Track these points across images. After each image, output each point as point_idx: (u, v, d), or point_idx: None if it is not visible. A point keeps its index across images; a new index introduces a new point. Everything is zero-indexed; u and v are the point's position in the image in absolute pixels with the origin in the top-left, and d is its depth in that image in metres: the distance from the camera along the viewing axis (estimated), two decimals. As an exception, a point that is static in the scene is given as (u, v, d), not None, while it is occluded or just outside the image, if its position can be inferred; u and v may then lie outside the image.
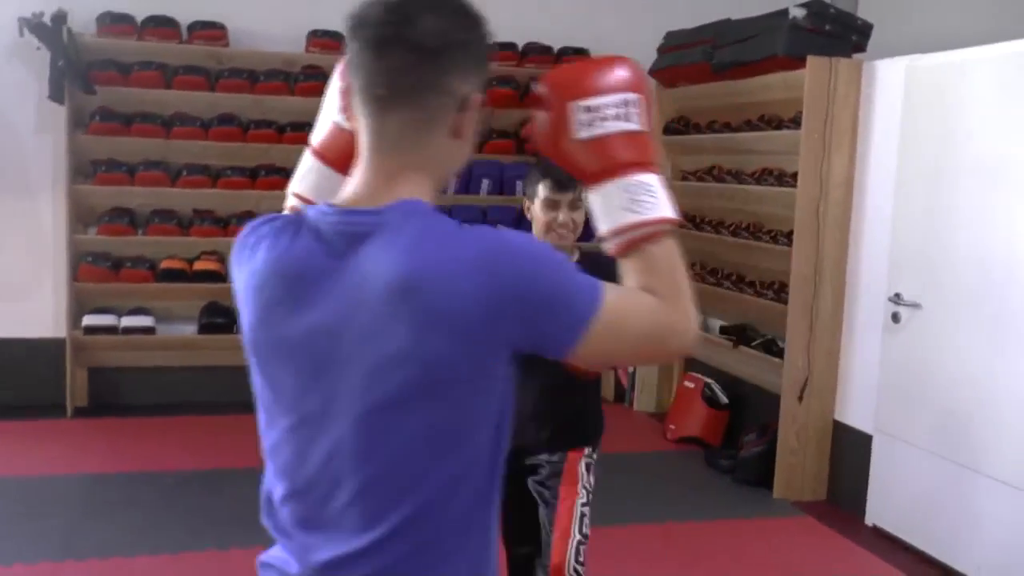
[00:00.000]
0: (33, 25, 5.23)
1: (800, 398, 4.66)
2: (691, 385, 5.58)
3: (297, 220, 1.25)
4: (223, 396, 5.47)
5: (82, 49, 5.39)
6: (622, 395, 6.39)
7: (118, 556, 3.76)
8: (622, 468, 5.05)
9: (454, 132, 1.25)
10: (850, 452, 4.62)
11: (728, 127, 5.36)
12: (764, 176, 4.99)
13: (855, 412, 4.62)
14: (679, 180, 5.92)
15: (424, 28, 1.19)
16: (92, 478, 4.59)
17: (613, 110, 1.28)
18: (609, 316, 1.21)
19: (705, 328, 5.72)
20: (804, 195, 4.55)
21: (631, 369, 6.23)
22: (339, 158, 1.48)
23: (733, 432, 5.39)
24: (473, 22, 1.25)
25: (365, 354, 1.19)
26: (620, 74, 1.30)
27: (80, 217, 5.59)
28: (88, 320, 5.49)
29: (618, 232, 1.28)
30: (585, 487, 2.66)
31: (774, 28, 4.68)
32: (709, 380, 5.53)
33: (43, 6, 5.28)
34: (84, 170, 5.55)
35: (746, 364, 5.28)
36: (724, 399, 5.48)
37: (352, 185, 1.26)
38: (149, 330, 5.60)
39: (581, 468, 2.67)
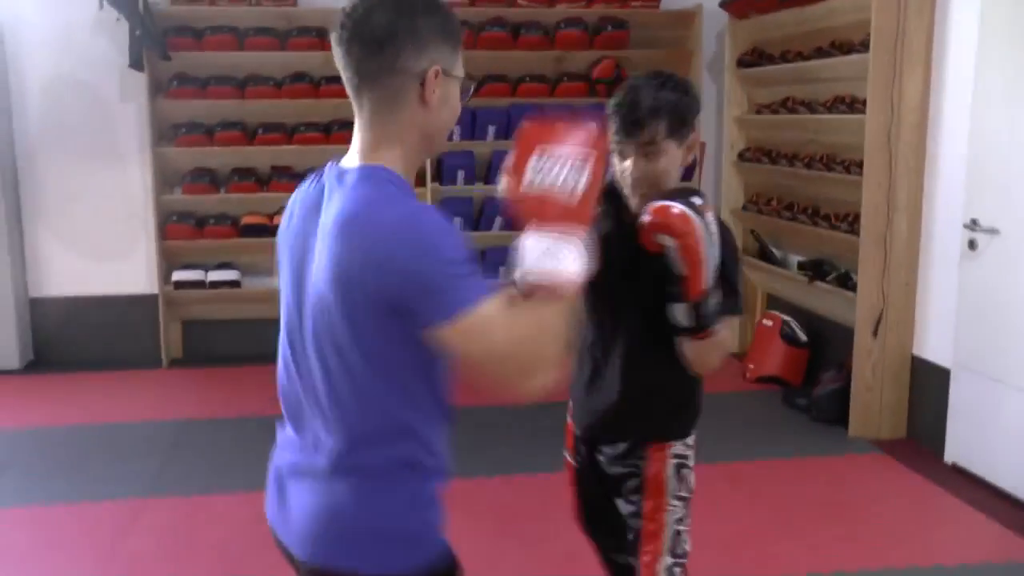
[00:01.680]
0: (112, -3, 5.45)
1: (875, 332, 4.51)
2: (769, 323, 5.46)
3: (320, 172, 1.55)
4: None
5: (158, 18, 5.58)
6: (704, 336, 6.30)
7: (198, 495, 3.98)
8: (696, 409, 5.03)
9: (421, 101, 1.46)
10: (929, 388, 4.45)
11: (800, 56, 5.16)
12: (836, 105, 4.80)
13: (933, 345, 4.43)
14: (754, 114, 5.75)
15: (373, 23, 1.42)
16: (182, 424, 4.85)
17: (560, 169, 1.41)
18: (474, 325, 1.35)
19: (783, 264, 5.58)
20: (874, 121, 4.35)
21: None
22: None
23: (813, 370, 5.25)
24: (416, 9, 1.45)
25: (313, 271, 1.46)
26: (577, 136, 1.43)
27: (165, 179, 5.85)
28: (177, 276, 5.77)
29: (527, 276, 1.40)
30: (677, 496, 2.14)
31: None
32: (787, 318, 5.39)
33: (120, -23, 5.49)
34: (166, 134, 5.79)
35: (824, 300, 5.13)
36: (803, 337, 5.35)
37: (350, 151, 1.52)
38: (234, 283, 5.84)
39: (668, 472, 2.12)
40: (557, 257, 1.38)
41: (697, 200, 1.73)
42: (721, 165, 6.09)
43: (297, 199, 1.57)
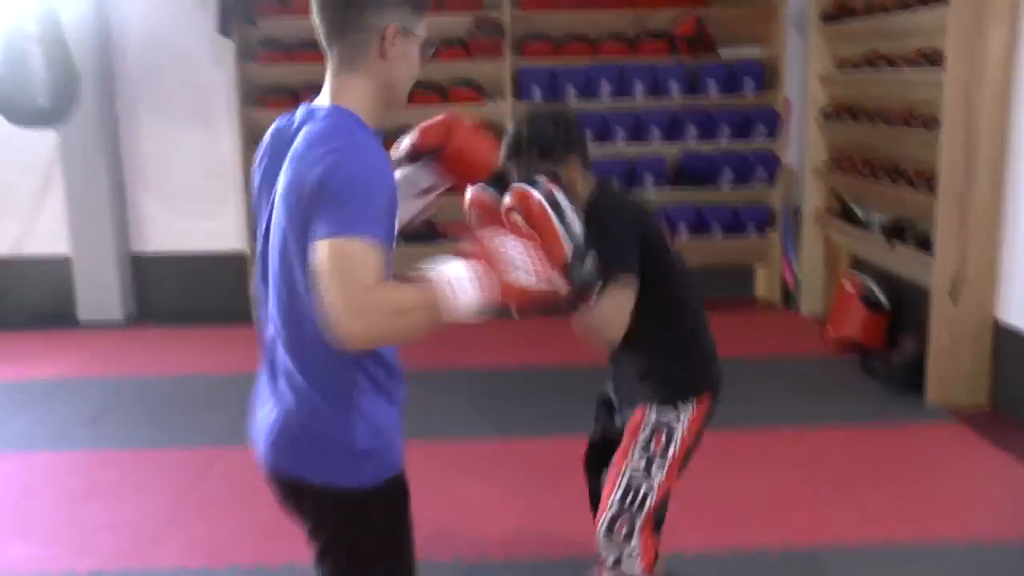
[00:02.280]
0: (203, -36, 5.66)
1: (951, 295, 4.36)
2: (849, 286, 5.33)
3: (293, 112, 1.72)
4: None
5: (246, -17, 5.78)
6: (788, 298, 6.21)
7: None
8: (771, 372, 4.99)
9: (380, 55, 1.64)
10: (1014, 355, 4.28)
11: (884, 9, 4.97)
12: (918, 59, 4.61)
13: (1019, 309, 4.26)
14: (838, 68, 5.58)
15: None
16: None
17: (520, 255, 1.58)
18: (340, 250, 1.44)
19: (867, 225, 5.42)
20: (953, 76, 4.18)
21: (796, 271, 6.04)
22: None
23: (895, 336, 5.12)
24: None
25: (277, 193, 1.63)
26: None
27: (253, 140, 6.06)
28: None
29: (428, 272, 1.51)
30: (644, 450, 2.38)
31: None
32: (869, 281, 5.25)
33: (209, -55, 5.71)
34: (254, 97, 6.00)
35: (906, 263, 4.97)
36: (884, 301, 5.20)
37: (320, 94, 1.71)
38: (321, 243, 6.04)
39: (644, 430, 2.38)
40: (464, 288, 1.49)
41: (541, 179, 1.78)
42: (806, 124, 5.93)
43: (271, 134, 1.74)
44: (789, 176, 6.21)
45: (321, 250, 1.45)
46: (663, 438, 2.38)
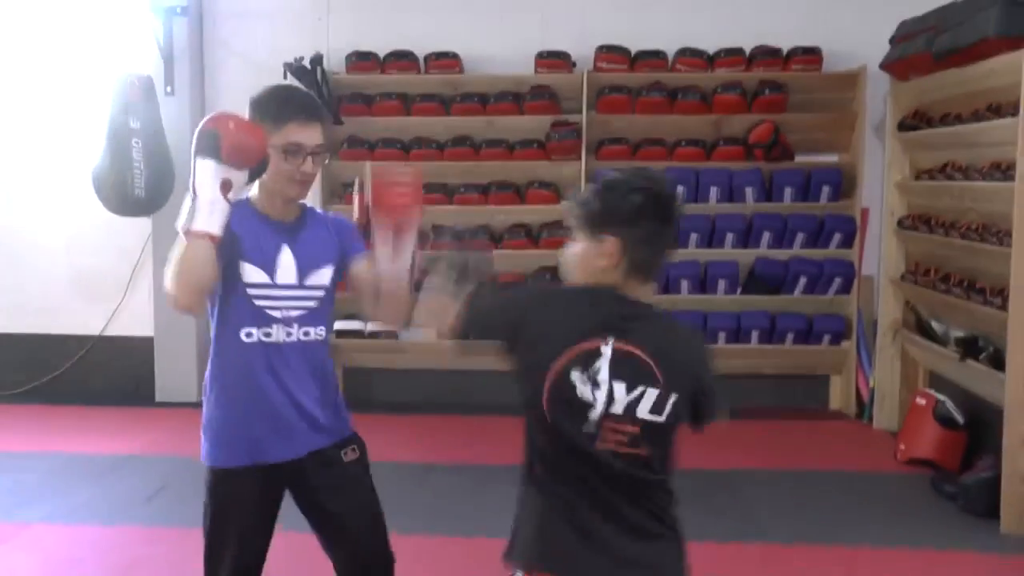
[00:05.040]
0: (295, 68, 5.99)
1: (1025, 418, 4.13)
2: (922, 402, 5.11)
3: None
4: (461, 397, 6.08)
5: (333, 86, 6.09)
6: (863, 411, 5.98)
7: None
8: (837, 486, 4.80)
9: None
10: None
11: (959, 119, 4.88)
12: (992, 171, 4.49)
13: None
14: (915, 179, 5.47)
15: None
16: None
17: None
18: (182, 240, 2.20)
19: (944, 339, 5.22)
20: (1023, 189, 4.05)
21: (870, 383, 5.83)
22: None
23: (970, 455, 4.86)
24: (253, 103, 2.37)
25: None
26: None
27: (333, 234, 6.29)
28: (338, 324, 6.15)
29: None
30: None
31: (988, 5, 4.21)
32: (943, 397, 5.03)
33: (304, 51, 6.04)
34: (337, 191, 6.25)
35: (981, 380, 4.75)
36: (960, 418, 4.96)
37: None
38: (391, 334, 6.16)
39: None
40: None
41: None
42: (883, 233, 5.80)
43: None
44: (867, 286, 6.06)
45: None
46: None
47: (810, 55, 5.96)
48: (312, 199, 6.17)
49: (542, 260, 6.03)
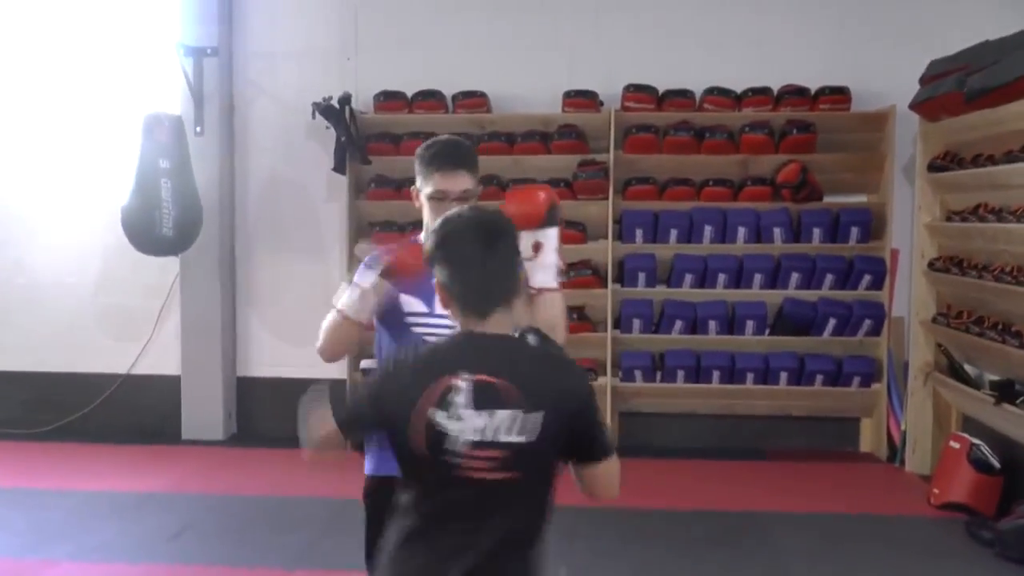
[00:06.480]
0: (323, 108, 6.04)
1: (1063, 464, 4.05)
2: (957, 446, 5.02)
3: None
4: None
5: (361, 125, 6.13)
6: (894, 454, 5.88)
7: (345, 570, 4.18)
8: (868, 530, 4.71)
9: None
10: None
11: (991, 160, 4.84)
12: (1025, 212, 4.45)
13: None
14: (946, 220, 5.42)
15: None
16: (343, 502, 5.12)
17: None
18: None
19: (977, 382, 5.14)
20: (1059, 231, 4.00)
21: (902, 426, 5.75)
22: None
23: (1008, 500, 4.76)
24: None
25: None
26: None
27: (360, 272, 6.31)
28: (364, 363, 6.14)
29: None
30: None
31: (1021, 44, 4.19)
32: (977, 441, 4.94)
33: (333, 90, 6.10)
34: (364, 231, 6.27)
35: (1018, 424, 4.67)
36: (996, 463, 4.87)
37: None
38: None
39: None
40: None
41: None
42: (914, 274, 5.74)
43: None
44: (897, 327, 5.98)
45: None
46: None
47: (838, 95, 5.94)
48: (338, 238, 6.27)
49: (569, 300, 5.98)
